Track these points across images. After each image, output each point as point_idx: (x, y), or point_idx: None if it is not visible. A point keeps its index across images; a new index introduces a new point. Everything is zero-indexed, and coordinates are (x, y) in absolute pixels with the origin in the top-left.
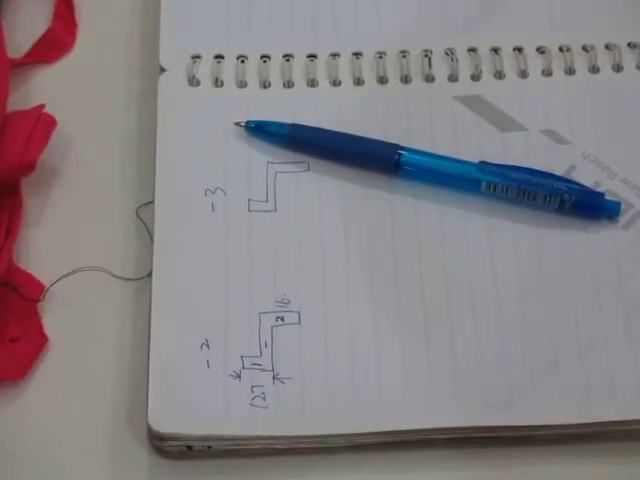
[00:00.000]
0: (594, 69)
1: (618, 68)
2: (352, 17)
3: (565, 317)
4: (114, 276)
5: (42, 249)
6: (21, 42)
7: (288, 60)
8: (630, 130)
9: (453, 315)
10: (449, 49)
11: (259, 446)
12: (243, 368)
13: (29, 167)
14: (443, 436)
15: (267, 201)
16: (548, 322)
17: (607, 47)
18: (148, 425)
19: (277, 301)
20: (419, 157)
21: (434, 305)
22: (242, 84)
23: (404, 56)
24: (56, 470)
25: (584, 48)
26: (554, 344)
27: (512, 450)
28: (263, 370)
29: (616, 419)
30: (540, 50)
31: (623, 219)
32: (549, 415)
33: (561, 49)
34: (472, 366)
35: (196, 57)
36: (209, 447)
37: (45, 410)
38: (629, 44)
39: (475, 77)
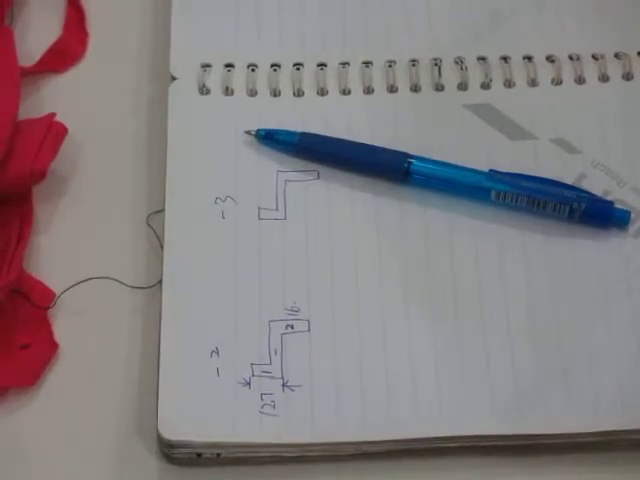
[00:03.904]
0: (604, 78)
1: (628, 77)
2: (362, 26)
3: (574, 325)
4: (124, 284)
5: (53, 257)
6: (32, 51)
7: (298, 69)
8: None
9: (462, 322)
10: (459, 58)
11: (268, 454)
12: (253, 376)
13: (40, 175)
14: (452, 444)
15: (277, 209)
16: (557, 330)
17: (617, 56)
18: (158, 432)
19: (287, 309)
20: (429, 165)
21: (443, 313)
22: (252, 92)
23: (414, 65)
24: (66, 477)
25: (594, 57)
26: (563, 352)
27: (521, 459)
28: (273, 378)
29: (625, 428)
30: (550, 59)
31: (633, 228)
32: (558, 424)
33: (571, 58)
34: (481, 374)
35: (206, 66)
36: (218, 455)
37: (55, 417)
38: (639, 53)
39: (485, 86)
